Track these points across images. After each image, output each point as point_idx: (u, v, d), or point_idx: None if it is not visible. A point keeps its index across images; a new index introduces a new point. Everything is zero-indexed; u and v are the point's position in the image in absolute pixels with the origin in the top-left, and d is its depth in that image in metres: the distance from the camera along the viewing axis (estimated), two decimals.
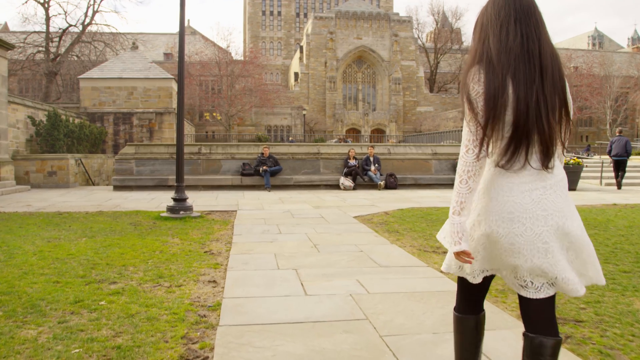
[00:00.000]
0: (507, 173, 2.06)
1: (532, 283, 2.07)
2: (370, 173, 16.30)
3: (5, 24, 73.94)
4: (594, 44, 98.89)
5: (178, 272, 5.27)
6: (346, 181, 15.98)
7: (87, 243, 6.90)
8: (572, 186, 16.47)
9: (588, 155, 29.98)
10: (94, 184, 19.95)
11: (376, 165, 16.53)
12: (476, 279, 2.23)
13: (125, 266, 5.55)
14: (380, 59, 69.28)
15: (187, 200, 9.79)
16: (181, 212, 9.46)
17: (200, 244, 6.94)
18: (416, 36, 74.38)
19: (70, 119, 22.11)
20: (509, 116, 2.00)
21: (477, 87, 2.03)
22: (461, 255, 2.07)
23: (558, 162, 2.13)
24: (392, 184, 16.31)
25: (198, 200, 12.52)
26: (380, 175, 16.47)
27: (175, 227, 8.46)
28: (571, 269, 2.05)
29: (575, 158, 16.71)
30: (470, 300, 2.36)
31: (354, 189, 15.90)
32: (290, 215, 9.83)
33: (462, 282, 2.35)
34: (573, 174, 16.52)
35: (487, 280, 2.29)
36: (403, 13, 75.31)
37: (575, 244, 2.06)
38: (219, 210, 10.64)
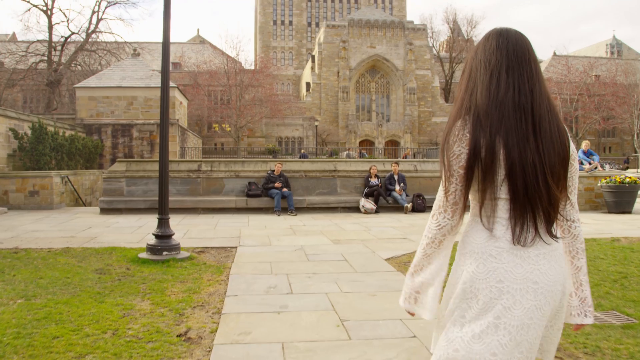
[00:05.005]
0: (495, 239, 1.81)
1: None
2: (394, 193, 14.15)
3: (13, 34, 73.28)
4: (612, 52, 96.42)
5: None
6: (367, 203, 13.84)
7: (16, 312, 4.83)
8: (628, 209, 14.24)
9: (626, 169, 27.58)
10: (84, 204, 17.97)
11: (401, 184, 14.38)
12: None
13: None
14: (395, 68, 67.28)
15: (173, 237, 7.70)
16: (164, 253, 7.38)
17: (178, 314, 4.84)
18: (431, 45, 72.32)
19: (61, 131, 20.09)
20: (500, 177, 1.78)
21: (456, 149, 1.80)
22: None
23: (554, 226, 1.85)
24: (419, 206, 14.14)
25: (193, 230, 10.45)
26: (407, 195, 14.32)
27: (152, 276, 6.38)
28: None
29: (632, 176, 14.45)
30: None
31: (377, 212, 13.76)
32: (304, 256, 7.70)
33: None
34: (629, 195, 14.30)
35: None
36: (417, 21, 73.18)
37: (560, 317, 1.89)
38: (215, 247, 8.54)
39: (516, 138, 1.77)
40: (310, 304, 5.13)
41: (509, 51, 1.86)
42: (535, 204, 1.79)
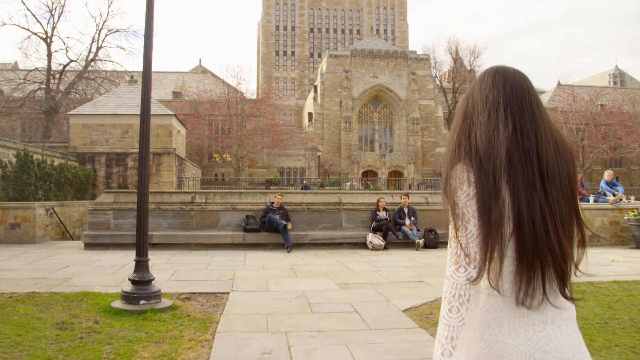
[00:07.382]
0: (496, 303, 1.56)
1: None
2: (404, 228, 13.00)
3: (15, 63, 73.28)
4: (615, 82, 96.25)
5: None
6: (375, 239, 12.69)
7: None
8: None
9: None
10: (72, 237, 16.83)
11: (412, 218, 13.25)
12: None
13: None
14: (398, 98, 66.75)
15: (154, 282, 6.58)
16: (142, 302, 6.25)
17: None
18: (434, 75, 71.95)
19: (49, 159, 19.08)
20: (508, 229, 1.55)
21: (466, 189, 1.59)
22: None
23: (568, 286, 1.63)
24: (432, 241, 12.98)
25: (182, 270, 9.31)
26: (417, 230, 13.18)
27: (122, 334, 5.25)
28: None
29: None
30: None
31: (385, 248, 12.60)
32: (307, 306, 6.53)
33: None
34: None
35: None
36: (420, 52, 72.89)
37: None
38: (204, 292, 7.39)
39: (523, 185, 1.58)
40: None
41: (507, 90, 1.70)
42: (547, 262, 1.56)
